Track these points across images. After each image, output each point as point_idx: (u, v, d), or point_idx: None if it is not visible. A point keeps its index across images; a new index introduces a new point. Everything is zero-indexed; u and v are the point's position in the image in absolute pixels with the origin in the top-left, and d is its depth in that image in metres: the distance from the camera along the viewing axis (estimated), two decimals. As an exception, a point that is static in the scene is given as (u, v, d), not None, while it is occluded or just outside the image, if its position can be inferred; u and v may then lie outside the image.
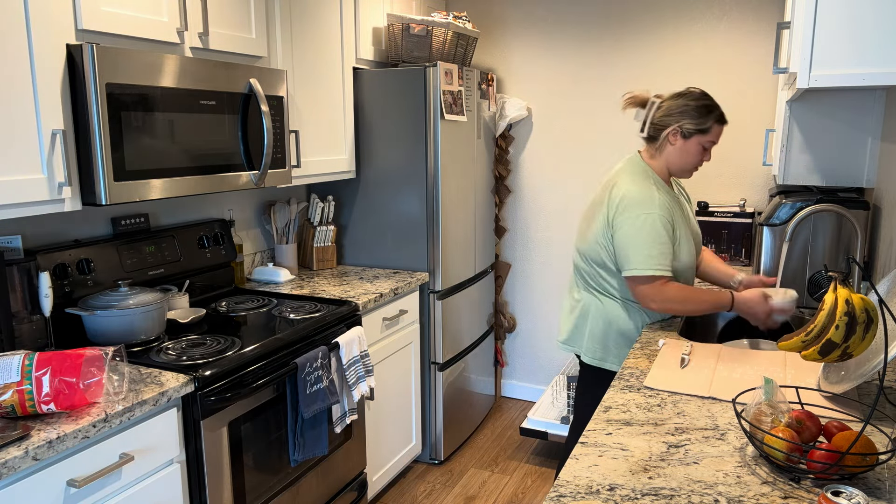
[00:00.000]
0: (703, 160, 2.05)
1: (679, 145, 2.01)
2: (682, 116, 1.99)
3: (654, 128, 2.04)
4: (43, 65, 1.65)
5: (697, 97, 2.00)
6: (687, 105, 1.99)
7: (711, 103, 2.00)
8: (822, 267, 2.28)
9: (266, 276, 2.77)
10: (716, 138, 2.01)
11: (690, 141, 2.00)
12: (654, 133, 2.04)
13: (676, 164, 2.05)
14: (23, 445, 1.35)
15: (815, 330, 1.38)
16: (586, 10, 3.42)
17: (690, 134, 1.99)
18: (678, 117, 1.99)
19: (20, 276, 1.78)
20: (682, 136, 2.00)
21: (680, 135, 2.00)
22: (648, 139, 2.08)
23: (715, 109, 2.00)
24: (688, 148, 2.01)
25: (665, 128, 2.01)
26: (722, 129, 2.02)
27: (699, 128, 1.98)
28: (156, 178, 1.90)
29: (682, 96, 2.01)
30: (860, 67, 1.40)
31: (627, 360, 1.78)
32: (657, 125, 2.04)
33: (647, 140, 2.08)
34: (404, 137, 2.93)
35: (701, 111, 1.98)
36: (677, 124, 1.99)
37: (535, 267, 3.77)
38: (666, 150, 2.04)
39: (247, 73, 2.19)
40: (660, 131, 2.03)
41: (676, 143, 2.01)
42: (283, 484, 2.12)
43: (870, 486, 1.14)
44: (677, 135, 2.00)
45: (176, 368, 1.78)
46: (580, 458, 1.26)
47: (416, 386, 2.98)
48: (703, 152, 2.03)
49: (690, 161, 2.04)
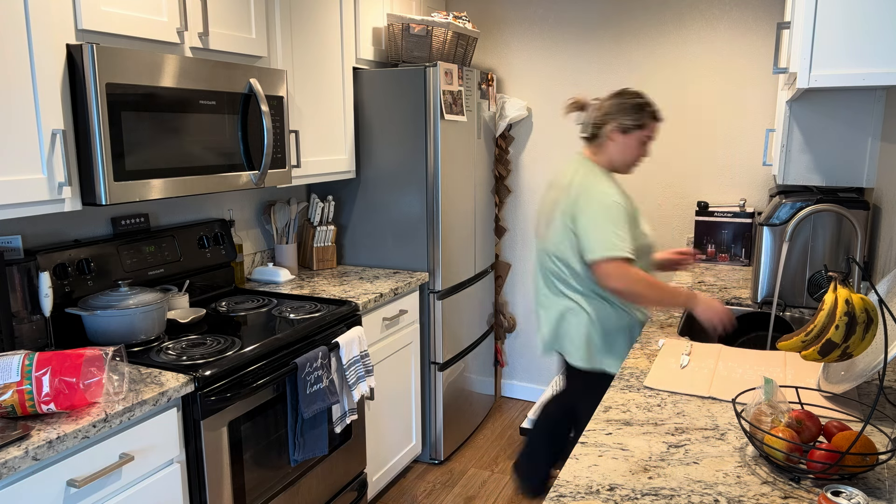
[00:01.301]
0: (643, 155, 2.17)
1: (619, 141, 2.13)
2: (619, 114, 2.12)
3: (594, 127, 2.18)
4: (43, 65, 1.65)
5: (633, 96, 2.14)
6: (624, 103, 2.12)
7: (646, 101, 2.14)
8: (822, 267, 2.28)
9: (266, 276, 2.77)
10: (652, 133, 2.15)
11: (629, 136, 2.12)
12: (595, 132, 2.17)
13: (618, 158, 2.16)
14: (23, 445, 1.35)
15: (815, 330, 1.38)
16: (586, 10, 3.42)
17: (629, 130, 2.12)
18: (616, 115, 2.12)
19: (20, 276, 1.78)
20: (621, 132, 2.12)
21: (619, 131, 2.12)
22: (591, 138, 2.20)
23: (649, 106, 2.14)
24: (627, 143, 2.13)
25: (604, 125, 2.14)
26: (658, 125, 2.16)
27: (636, 123, 2.11)
28: (156, 178, 1.90)
29: (619, 96, 2.15)
30: (860, 67, 1.40)
31: (627, 360, 1.78)
32: (597, 124, 2.17)
33: (589, 139, 2.21)
34: (404, 137, 2.93)
35: (637, 108, 2.12)
36: (616, 122, 2.12)
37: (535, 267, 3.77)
38: (607, 147, 2.16)
39: (247, 73, 2.19)
40: (599, 129, 2.16)
41: (617, 140, 2.13)
42: (283, 484, 2.12)
43: (870, 486, 1.14)
44: (617, 131, 2.12)
45: (176, 368, 1.78)
46: (580, 458, 1.26)
47: (416, 386, 2.98)
48: (642, 147, 2.16)
49: (631, 155, 2.16)
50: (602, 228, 2.01)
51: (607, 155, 2.17)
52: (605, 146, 2.16)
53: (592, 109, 2.19)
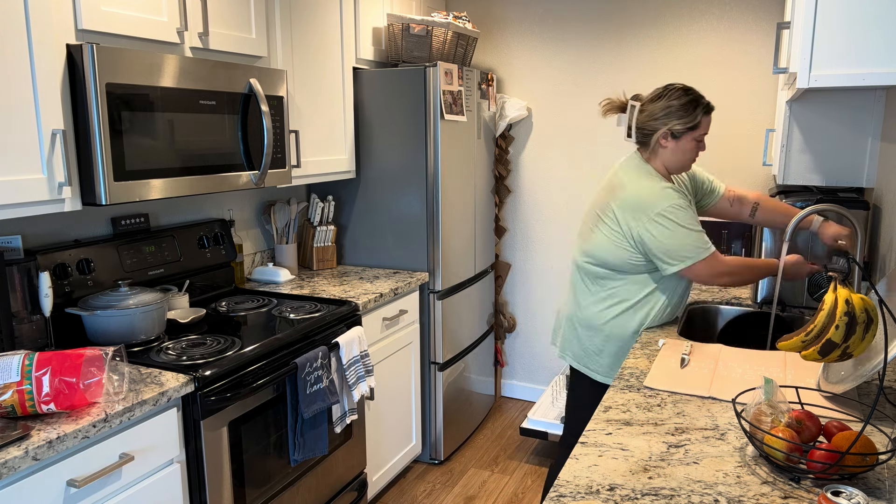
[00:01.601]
0: (700, 151, 2.02)
1: (671, 146, 1.98)
2: (668, 118, 1.95)
3: (642, 133, 2.01)
4: (43, 65, 1.65)
5: (679, 95, 1.96)
6: (670, 105, 1.95)
7: (695, 96, 1.96)
8: (822, 267, 2.28)
9: (266, 276, 2.77)
10: (706, 129, 1.98)
11: (682, 140, 1.97)
12: (643, 138, 2.02)
13: (673, 163, 2.01)
14: (23, 445, 1.35)
15: (815, 330, 1.38)
16: (586, 10, 3.42)
17: (681, 134, 1.96)
18: (664, 120, 1.96)
19: (20, 276, 1.78)
20: (672, 137, 1.96)
21: (671, 136, 1.96)
22: (639, 143, 2.05)
23: (700, 102, 1.96)
24: (681, 147, 1.98)
25: (653, 132, 1.98)
26: (710, 118, 1.99)
27: (688, 126, 1.95)
28: (156, 178, 1.90)
29: (664, 97, 1.97)
30: (860, 67, 1.40)
31: (627, 360, 1.78)
32: (644, 130, 2.00)
33: (639, 144, 2.06)
34: (404, 137, 2.93)
35: (687, 108, 1.95)
36: (665, 128, 1.96)
37: (535, 267, 3.77)
38: (660, 153, 2.00)
39: (247, 73, 2.19)
40: (648, 136, 2.00)
41: (668, 145, 1.98)
42: (283, 484, 2.12)
43: (870, 486, 1.14)
44: (668, 137, 1.97)
45: (176, 368, 1.78)
46: (580, 458, 1.26)
47: (416, 386, 2.98)
48: (697, 146, 2.00)
49: (687, 158, 2.01)
50: (679, 238, 1.91)
51: (661, 160, 2.01)
52: (656, 152, 2.01)
53: (633, 112, 2.02)
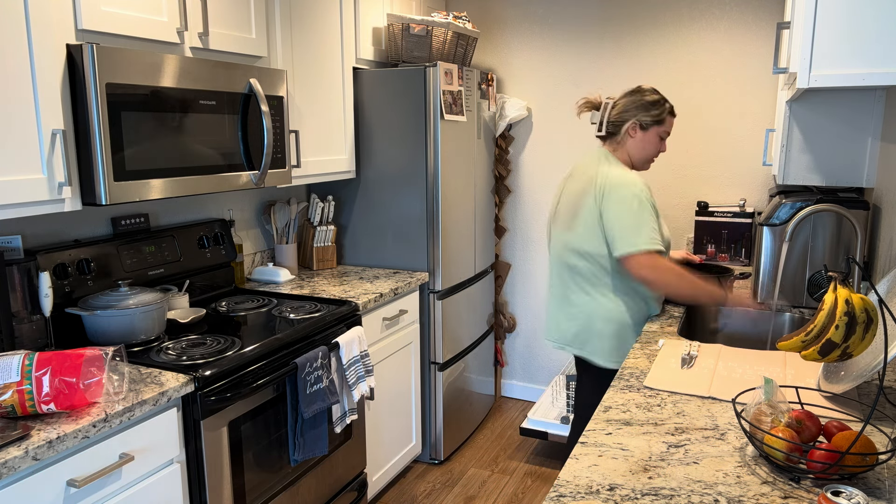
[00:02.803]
0: (660, 150, 2.23)
1: (639, 137, 2.18)
2: (638, 111, 2.17)
3: (613, 125, 2.21)
4: (43, 65, 1.65)
5: (649, 92, 2.19)
6: (641, 100, 2.17)
7: (662, 97, 2.19)
8: (822, 267, 2.28)
9: (266, 276, 2.77)
10: (669, 129, 2.21)
11: (649, 132, 2.18)
12: (614, 130, 2.21)
13: (638, 154, 2.21)
14: (23, 445, 1.35)
15: (815, 330, 1.38)
16: (586, 10, 3.42)
17: (648, 126, 2.17)
18: (634, 111, 2.17)
19: (20, 276, 1.78)
20: (640, 128, 2.17)
21: (639, 127, 2.17)
22: (608, 136, 2.24)
23: (666, 102, 2.19)
24: (647, 139, 2.19)
25: (623, 122, 2.18)
26: (673, 121, 2.24)
27: (656, 119, 2.17)
28: (156, 178, 1.90)
29: (636, 93, 2.19)
30: (860, 67, 1.40)
31: (627, 360, 1.78)
32: (615, 122, 2.21)
33: (607, 137, 2.24)
34: (404, 137, 2.93)
35: (655, 105, 2.17)
36: (634, 118, 2.17)
37: (535, 267, 3.77)
38: (627, 144, 2.20)
39: (247, 73, 2.19)
40: (619, 127, 2.20)
41: (636, 136, 2.18)
42: (283, 484, 2.13)
43: (870, 486, 1.14)
44: (636, 128, 2.17)
45: (176, 368, 1.78)
46: (580, 458, 1.26)
47: (416, 386, 2.98)
48: (661, 142, 2.21)
49: (650, 150, 2.21)
50: (634, 221, 2.03)
51: (626, 151, 2.21)
52: (623, 143, 2.20)
53: (607, 108, 2.22)
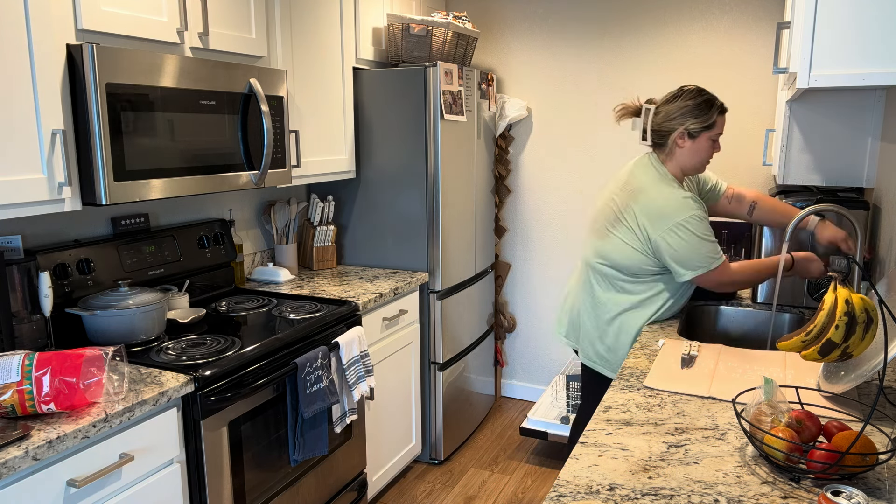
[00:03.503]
0: (715, 151, 2.06)
1: (688, 146, 2.01)
2: (684, 118, 1.99)
3: (658, 134, 2.05)
4: (43, 65, 1.65)
5: (694, 95, 2.00)
6: (686, 105, 1.99)
7: (709, 97, 2.01)
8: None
9: (266, 276, 2.77)
10: (721, 129, 2.03)
11: (699, 139, 2.01)
12: (659, 140, 2.05)
13: (689, 164, 2.05)
14: (23, 445, 1.35)
15: (815, 330, 1.38)
16: (586, 10, 3.42)
17: (698, 133, 2.00)
18: (681, 120, 2.00)
19: (20, 276, 1.78)
20: (689, 136, 2.00)
21: (687, 136, 2.00)
22: (654, 146, 2.08)
23: (714, 102, 2.00)
24: (698, 146, 2.02)
25: (670, 133, 2.01)
26: (724, 118, 2.03)
27: (705, 125, 1.99)
28: (156, 178, 1.90)
29: (679, 98, 2.01)
30: (860, 67, 1.40)
31: (627, 360, 1.78)
32: (660, 132, 2.04)
33: (654, 146, 2.09)
34: (404, 137, 2.93)
35: (702, 108, 1.99)
36: (682, 127, 1.99)
37: (535, 267, 3.77)
38: (676, 154, 2.04)
39: (247, 73, 2.19)
40: (665, 137, 2.03)
41: (685, 145, 2.01)
42: (283, 484, 2.12)
43: (870, 486, 1.14)
44: (684, 137, 2.00)
45: (176, 368, 1.78)
46: (580, 458, 1.26)
47: (416, 386, 2.98)
48: (713, 146, 2.03)
49: (702, 158, 2.04)
50: (694, 249, 1.94)
51: (677, 161, 2.05)
52: (672, 153, 2.04)
53: (649, 114, 2.07)
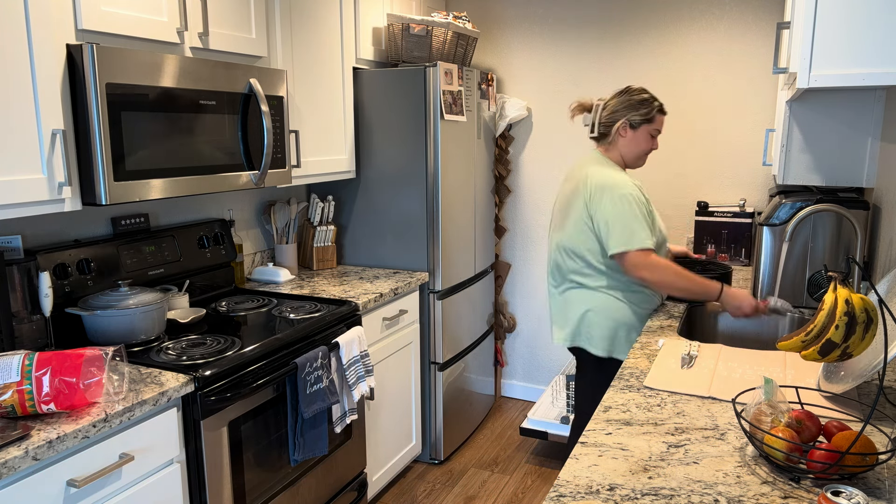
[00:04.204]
0: (652, 147, 2.25)
1: (629, 136, 2.22)
2: (627, 110, 2.20)
3: (604, 126, 2.25)
4: (43, 65, 1.65)
5: (638, 92, 2.22)
6: (630, 100, 2.20)
7: (651, 96, 2.22)
8: (822, 267, 2.28)
9: (266, 276, 2.77)
10: (660, 126, 2.24)
11: (639, 131, 2.21)
12: (605, 130, 2.25)
13: (630, 153, 2.24)
14: (23, 445, 1.35)
15: (815, 330, 1.38)
16: (586, 10, 3.42)
17: (638, 124, 2.20)
18: (623, 111, 2.21)
19: (20, 276, 1.78)
20: (630, 127, 2.21)
21: (629, 126, 2.21)
22: (600, 137, 2.28)
23: (655, 100, 2.22)
24: (637, 137, 2.22)
25: (614, 123, 2.22)
26: (664, 118, 2.24)
27: (645, 118, 2.20)
28: (156, 178, 1.90)
29: (625, 93, 2.23)
30: (860, 67, 1.40)
31: (627, 360, 1.78)
32: (606, 123, 2.24)
33: (599, 138, 2.28)
34: (404, 137, 2.93)
35: (643, 103, 2.20)
36: (624, 118, 2.20)
37: (535, 267, 3.77)
38: (618, 143, 2.24)
39: (247, 73, 2.19)
40: (609, 128, 2.24)
41: (627, 135, 2.22)
42: (283, 484, 2.12)
43: (870, 486, 1.14)
44: (626, 127, 2.21)
45: (176, 368, 1.78)
46: (580, 458, 1.26)
47: (416, 386, 2.98)
48: (651, 140, 2.24)
49: (641, 148, 2.24)
50: (625, 221, 2.07)
51: (618, 151, 2.24)
52: (615, 143, 2.24)
53: (598, 109, 2.26)
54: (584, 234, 2.17)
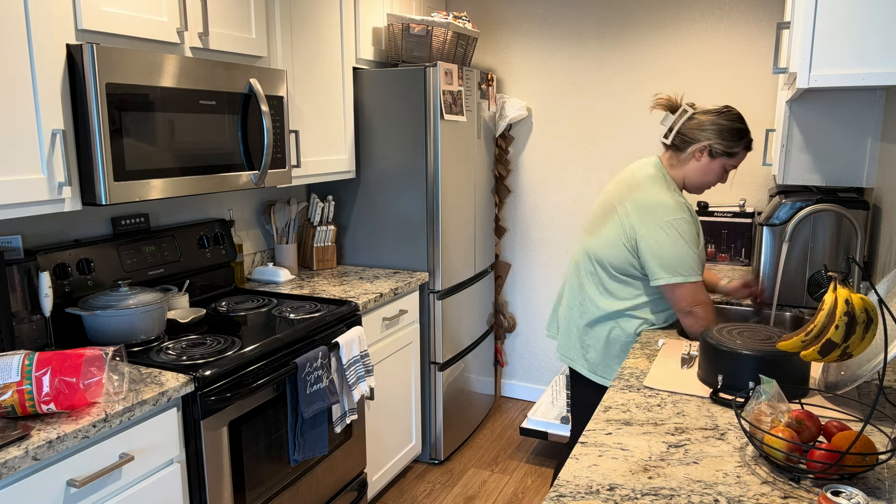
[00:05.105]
0: (720, 181, 2.02)
1: (703, 163, 1.97)
2: (713, 135, 1.94)
3: (682, 138, 1.98)
4: (43, 65, 1.65)
5: (734, 118, 1.95)
6: (722, 125, 1.94)
7: (745, 128, 1.96)
8: (822, 267, 2.28)
9: (266, 276, 2.77)
10: (738, 164, 1.98)
11: (715, 161, 1.96)
12: (681, 144, 1.99)
13: (694, 180, 2.00)
14: (23, 445, 1.35)
15: (815, 330, 1.38)
16: (586, 10, 3.42)
17: (718, 154, 1.95)
18: (710, 135, 1.94)
19: (20, 276, 1.78)
20: (709, 154, 1.95)
21: (707, 153, 1.95)
22: (671, 147, 2.02)
23: (747, 135, 1.96)
24: (711, 167, 1.97)
25: (694, 142, 1.96)
26: (745, 156, 1.99)
27: (728, 150, 1.94)
28: (156, 178, 1.90)
29: (720, 114, 1.96)
30: (860, 67, 1.40)
31: (627, 360, 1.78)
32: (685, 137, 1.98)
33: (670, 148, 2.02)
34: (404, 137, 2.93)
35: (734, 134, 1.94)
36: (707, 142, 1.94)
37: (535, 267, 3.77)
38: (688, 165, 1.99)
39: (247, 73, 2.19)
40: (687, 144, 1.97)
41: (701, 161, 1.97)
42: (283, 484, 2.12)
43: (870, 486, 1.14)
44: (704, 152, 1.96)
45: (176, 368, 1.78)
46: (580, 458, 1.26)
47: (416, 386, 2.98)
48: (723, 174, 1.99)
49: (709, 181, 2.00)
50: (683, 250, 1.88)
51: (684, 172, 2.00)
52: (685, 162, 1.99)
53: (683, 116, 1.99)
54: (617, 245, 1.97)
